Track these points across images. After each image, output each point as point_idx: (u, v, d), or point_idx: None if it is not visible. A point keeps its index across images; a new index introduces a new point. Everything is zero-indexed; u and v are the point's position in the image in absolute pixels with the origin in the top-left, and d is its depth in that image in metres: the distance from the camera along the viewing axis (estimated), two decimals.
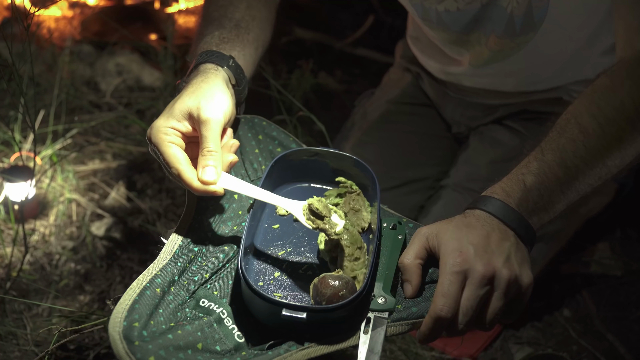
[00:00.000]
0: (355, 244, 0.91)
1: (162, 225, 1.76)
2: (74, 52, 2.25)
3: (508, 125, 1.47)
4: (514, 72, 1.37)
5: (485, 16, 1.25)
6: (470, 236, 0.84)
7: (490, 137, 1.48)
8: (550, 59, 1.32)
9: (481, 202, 0.88)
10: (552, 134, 0.94)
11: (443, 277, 0.82)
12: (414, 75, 1.61)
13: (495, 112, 1.47)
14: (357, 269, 0.90)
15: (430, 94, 1.57)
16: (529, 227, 0.88)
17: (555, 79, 1.37)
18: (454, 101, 1.52)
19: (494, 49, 1.31)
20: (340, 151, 1.04)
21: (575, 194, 0.92)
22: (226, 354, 0.81)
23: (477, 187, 1.40)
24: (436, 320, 0.81)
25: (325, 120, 1.54)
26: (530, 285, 0.85)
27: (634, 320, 1.68)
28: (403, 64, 1.64)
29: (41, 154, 1.80)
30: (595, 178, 0.92)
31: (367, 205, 1.00)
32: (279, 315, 0.80)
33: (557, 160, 0.90)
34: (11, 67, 1.19)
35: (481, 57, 1.34)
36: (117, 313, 0.79)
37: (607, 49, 1.28)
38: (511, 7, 1.21)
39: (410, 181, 1.52)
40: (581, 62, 1.32)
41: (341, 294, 0.83)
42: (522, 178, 0.89)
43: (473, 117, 1.51)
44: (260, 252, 0.96)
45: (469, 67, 1.39)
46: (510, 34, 1.26)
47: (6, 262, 1.56)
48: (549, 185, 0.89)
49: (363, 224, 0.98)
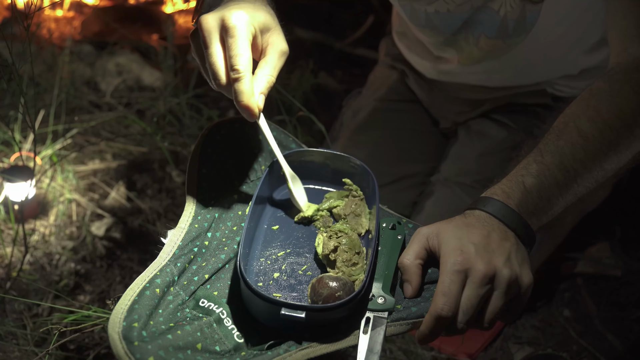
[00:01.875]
0: (354, 249, 0.91)
1: (162, 225, 1.76)
2: (74, 52, 2.25)
3: (494, 118, 1.49)
4: (503, 70, 1.39)
5: (476, 19, 1.27)
6: (471, 236, 0.84)
7: (478, 131, 1.50)
8: (539, 58, 1.34)
9: (481, 203, 0.89)
10: (550, 136, 0.95)
11: (444, 276, 0.82)
12: (400, 72, 1.62)
13: (482, 106, 1.49)
14: (355, 274, 0.90)
15: (416, 91, 1.59)
16: (529, 228, 0.88)
17: (541, 76, 1.39)
18: (440, 97, 1.53)
19: (485, 49, 1.32)
20: (337, 152, 1.04)
21: (573, 196, 0.93)
22: (226, 354, 0.81)
23: (467, 181, 1.42)
24: (436, 319, 0.81)
25: (325, 120, 1.54)
26: (531, 285, 0.85)
27: (634, 320, 1.68)
28: (388, 62, 1.66)
29: (41, 154, 1.81)
30: (592, 181, 0.94)
31: (367, 212, 1.00)
32: (278, 315, 0.80)
33: (556, 163, 0.91)
34: (11, 67, 1.19)
35: (471, 56, 1.36)
36: (117, 313, 0.79)
37: (590, 47, 1.31)
38: (504, 10, 1.22)
39: (401, 177, 1.54)
40: (567, 59, 1.34)
41: (338, 294, 0.83)
42: (522, 180, 0.90)
43: (460, 112, 1.53)
44: (259, 253, 0.96)
45: (459, 65, 1.40)
46: (502, 36, 1.28)
47: (6, 262, 1.57)
48: (549, 188, 0.90)
49: (361, 230, 0.98)
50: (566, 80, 1.37)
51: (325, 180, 1.06)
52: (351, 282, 0.86)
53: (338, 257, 0.91)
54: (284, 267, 0.94)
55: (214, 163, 1.03)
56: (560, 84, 1.38)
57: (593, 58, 1.32)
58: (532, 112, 1.42)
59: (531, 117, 1.42)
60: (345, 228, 0.94)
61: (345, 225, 0.95)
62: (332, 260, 0.91)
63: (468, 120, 1.53)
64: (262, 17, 0.87)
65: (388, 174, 1.52)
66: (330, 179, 1.05)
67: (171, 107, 2.05)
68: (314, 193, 1.04)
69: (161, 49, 2.22)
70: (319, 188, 1.07)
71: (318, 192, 1.05)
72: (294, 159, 1.03)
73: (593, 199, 1.62)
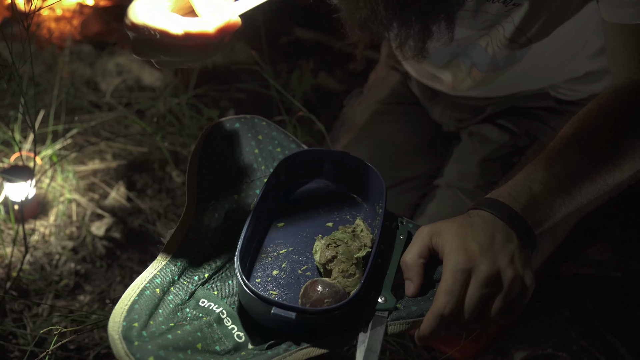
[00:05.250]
0: (351, 260, 0.90)
1: (162, 225, 1.76)
2: (74, 52, 2.25)
3: (497, 122, 1.48)
4: (501, 88, 1.39)
5: (467, 52, 1.27)
6: (475, 235, 0.84)
7: (480, 135, 1.49)
8: (536, 74, 1.34)
9: (486, 204, 0.89)
10: (557, 144, 0.95)
11: (447, 275, 0.82)
12: (402, 74, 1.62)
13: (484, 112, 1.49)
14: (351, 286, 0.89)
15: (418, 95, 1.59)
16: (531, 232, 0.88)
17: (543, 82, 1.39)
18: (442, 103, 1.53)
19: (477, 80, 1.33)
20: (346, 152, 1.05)
21: (574, 205, 0.94)
22: (226, 354, 0.81)
23: (469, 186, 1.42)
24: (438, 317, 0.80)
25: (325, 120, 1.55)
26: (532, 287, 0.85)
27: (634, 320, 1.68)
28: (390, 63, 1.65)
29: (41, 154, 1.80)
30: (594, 193, 0.95)
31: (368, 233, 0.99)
32: (270, 313, 0.80)
33: (564, 172, 0.92)
34: (11, 67, 1.19)
35: (465, 83, 1.36)
36: (117, 313, 0.79)
37: (594, 53, 1.29)
38: (492, 49, 1.22)
39: (403, 180, 1.53)
40: (569, 65, 1.33)
41: (326, 301, 0.82)
42: (529, 185, 0.90)
43: (461, 118, 1.52)
44: (261, 249, 0.95)
45: (452, 89, 1.41)
46: (493, 69, 1.28)
47: (6, 262, 1.56)
48: (554, 196, 0.91)
49: (359, 244, 0.97)
50: (570, 84, 1.36)
51: (332, 179, 1.06)
52: (344, 292, 0.85)
53: (335, 267, 0.90)
54: (284, 265, 0.94)
55: (214, 163, 1.03)
56: (564, 87, 1.37)
57: (597, 62, 1.31)
58: (535, 115, 1.42)
59: (534, 119, 1.41)
60: (344, 237, 0.93)
61: (344, 235, 0.94)
62: (329, 269, 0.90)
63: (470, 125, 1.53)
64: None
65: (389, 177, 1.51)
66: (336, 177, 1.05)
67: (171, 107, 2.05)
68: (320, 192, 1.04)
69: None
70: (326, 186, 1.06)
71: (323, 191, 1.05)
72: (302, 159, 1.03)
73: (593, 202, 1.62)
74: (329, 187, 1.07)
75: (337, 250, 0.91)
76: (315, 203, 1.04)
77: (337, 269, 0.89)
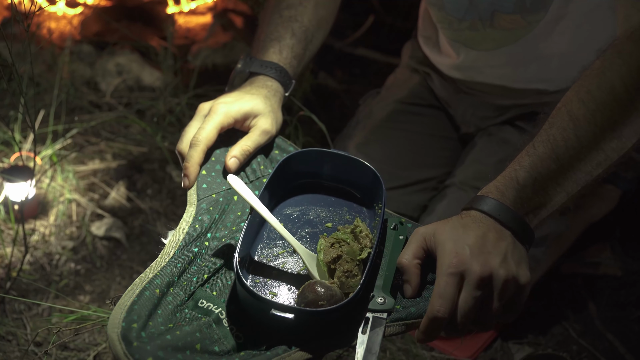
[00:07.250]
0: (355, 261, 0.90)
1: (162, 225, 1.77)
2: (74, 52, 2.25)
3: (518, 125, 1.45)
4: (526, 61, 1.34)
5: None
6: (467, 237, 0.83)
7: (499, 137, 1.47)
8: (560, 49, 1.30)
9: (476, 202, 0.88)
10: (544, 125, 0.92)
11: (439, 279, 0.81)
12: (423, 76, 1.60)
13: (507, 112, 1.46)
14: (353, 287, 0.88)
15: (441, 94, 1.56)
16: (526, 225, 0.87)
17: (566, 74, 1.35)
18: (466, 101, 1.51)
19: (503, 27, 1.29)
20: (346, 153, 1.04)
21: (574, 184, 0.89)
22: (225, 354, 0.81)
23: (483, 186, 1.40)
24: (433, 321, 0.80)
25: (325, 120, 1.54)
26: (528, 284, 0.84)
27: (634, 320, 1.68)
28: (412, 65, 1.63)
29: (41, 154, 1.81)
30: (593, 165, 0.89)
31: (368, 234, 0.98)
32: (267, 314, 0.80)
33: (548, 153, 0.88)
34: (11, 67, 1.19)
35: (489, 38, 1.32)
36: (116, 314, 0.79)
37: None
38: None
39: (415, 182, 1.51)
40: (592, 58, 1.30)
41: (320, 303, 0.82)
42: (514, 175, 0.88)
43: (484, 117, 1.50)
44: (260, 250, 0.96)
45: (481, 53, 1.36)
46: (520, 10, 1.24)
47: (6, 262, 1.57)
48: (543, 180, 0.88)
49: (359, 245, 0.96)
50: None
51: (330, 179, 1.06)
52: (340, 296, 0.85)
53: (339, 266, 0.89)
54: (283, 265, 0.94)
55: (213, 163, 1.03)
56: None
57: None
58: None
59: None
60: (347, 237, 0.92)
61: (345, 235, 0.93)
62: (333, 269, 0.90)
63: (490, 126, 1.50)
64: (249, 106, 1.06)
65: (401, 177, 1.50)
66: (335, 178, 1.05)
67: (171, 107, 2.05)
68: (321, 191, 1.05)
69: (161, 49, 2.22)
70: (325, 185, 1.06)
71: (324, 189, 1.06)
72: (300, 159, 1.03)
73: (599, 210, 1.60)
74: (329, 187, 1.07)
75: (342, 250, 0.90)
76: (315, 203, 1.04)
77: (341, 268, 0.89)
